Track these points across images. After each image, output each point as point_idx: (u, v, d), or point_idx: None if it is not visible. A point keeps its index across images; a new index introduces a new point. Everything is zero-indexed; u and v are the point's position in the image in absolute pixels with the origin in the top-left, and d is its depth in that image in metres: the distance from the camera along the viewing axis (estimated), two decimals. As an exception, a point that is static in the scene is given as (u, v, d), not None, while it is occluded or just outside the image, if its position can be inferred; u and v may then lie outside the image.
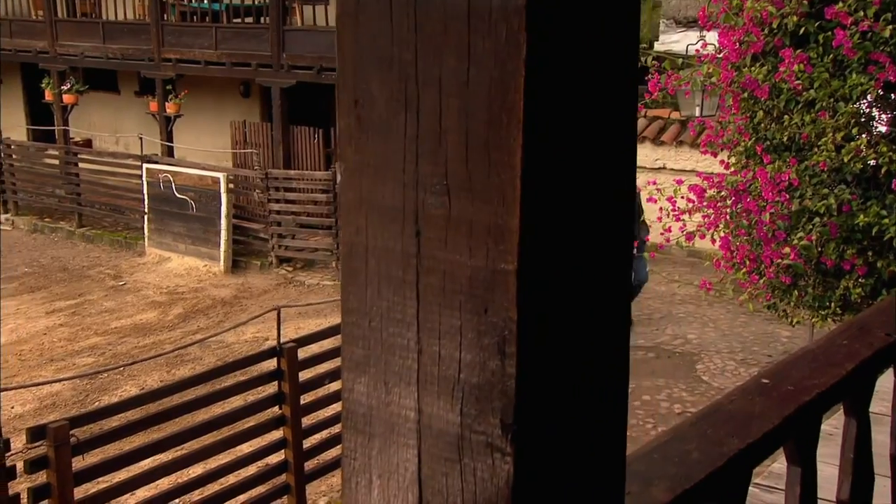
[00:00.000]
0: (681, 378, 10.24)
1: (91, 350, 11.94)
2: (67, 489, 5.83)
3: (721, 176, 5.90)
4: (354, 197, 0.79)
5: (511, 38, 0.69)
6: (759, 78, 5.41)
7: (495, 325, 0.73)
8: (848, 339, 1.48)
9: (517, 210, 0.71)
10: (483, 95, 0.72)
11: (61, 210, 17.97)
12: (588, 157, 0.76)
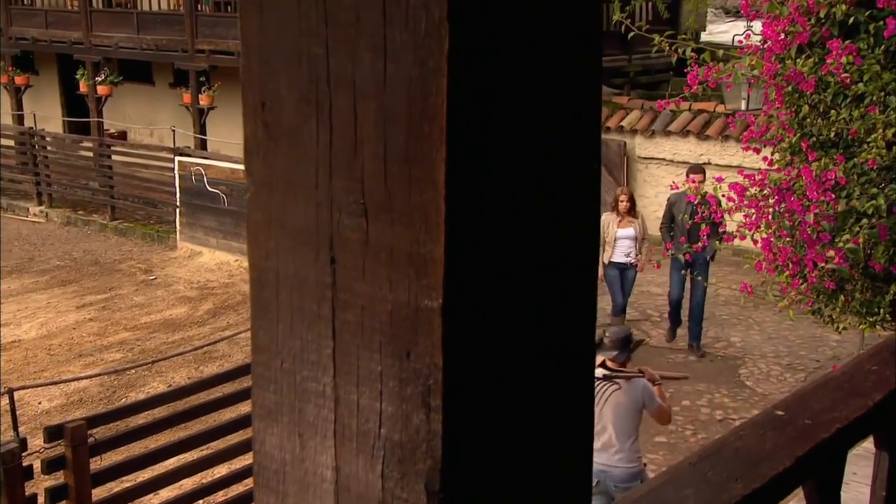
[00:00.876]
0: (723, 383, 10.03)
1: (120, 345, 12.00)
2: (85, 490, 5.83)
3: (763, 173, 5.72)
4: (263, 217, 0.69)
5: (431, 30, 0.59)
6: (804, 70, 5.23)
7: (419, 372, 0.63)
8: (879, 363, 1.35)
9: (441, 236, 0.60)
10: (402, 98, 0.61)
11: (95, 203, 18.12)
12: (531, 174, 0.64)
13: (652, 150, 15.14)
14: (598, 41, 0.67)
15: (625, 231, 10.35)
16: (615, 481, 6.09)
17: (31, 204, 18.90)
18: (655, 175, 15.05)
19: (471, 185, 0.61)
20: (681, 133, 14.67)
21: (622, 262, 10.41)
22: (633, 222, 10.34)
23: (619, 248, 10.35)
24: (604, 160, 15.25)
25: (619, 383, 5.98)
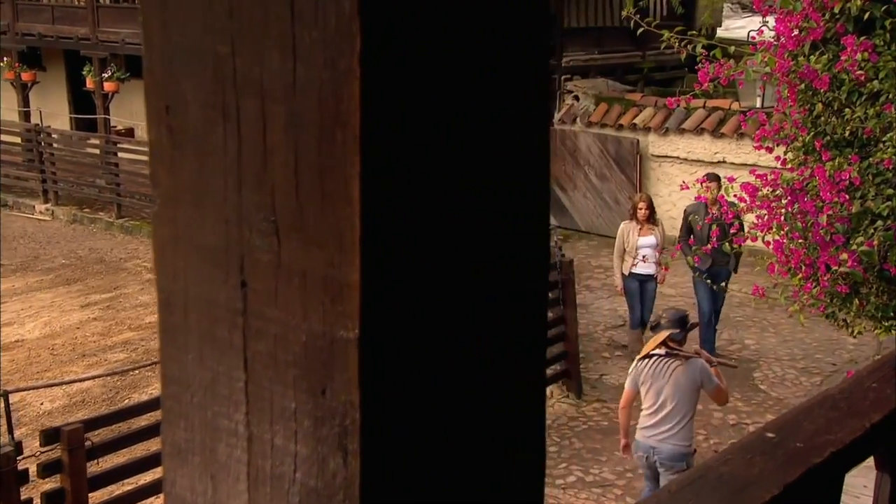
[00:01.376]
0: (736, 386, 9.92)
1: (124, 345, 11.99)
2: (82, 494, 5.80)
3: (776, 173, 5.64)
4: (170, 233, 0.63)
5: (342, 27, 0.53)
6: (818, 67, 5.14)
7: (335, 411, 0.56)
8: (879, 380, 1.28)
9: (357, 259, 0.54)
10: (313, 103, 0.55)
11: (101, 200, 18.14)
12: (463, 186, 0.58)
13: (665, 148, 15.04)
14: (542, 34, 0.61)
15: (646, 239, 9.96)
16: (662, 457, 6.30)
17: (36, 202, 18.94)
18: (669, 174, 14.94)
19: (390, 200, 0.55)
20: (695, 131, 14.56)
21: (642, 274, 10.03)
22: (653, 230, 9.98)
23: (639, 258, 9.98)
24: (616, 158, 15.17)
25: (681, 360, 6.20)
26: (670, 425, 6.23)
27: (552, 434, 8.84)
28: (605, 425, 9.00)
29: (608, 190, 15.37)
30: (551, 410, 9.34)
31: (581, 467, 8.20)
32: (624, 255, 10.01)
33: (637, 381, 6.49)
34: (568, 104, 15.97)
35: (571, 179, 15.74)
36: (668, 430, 6.24)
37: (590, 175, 15.53)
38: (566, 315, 9.42)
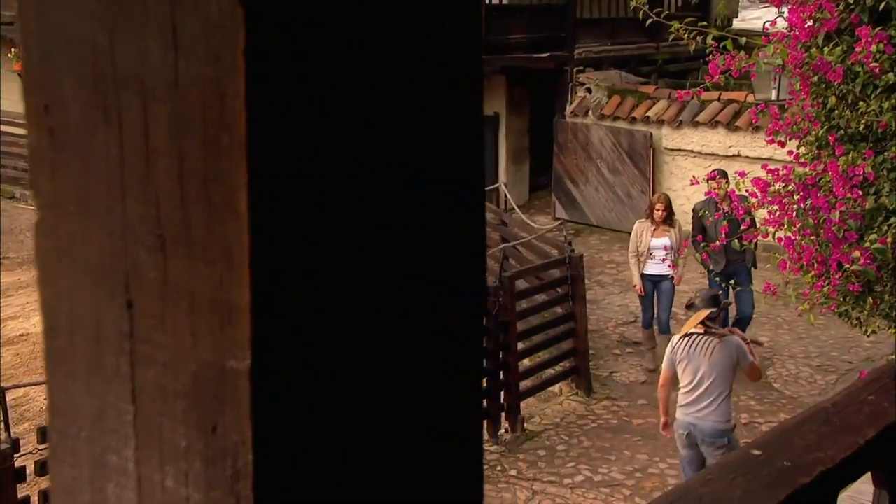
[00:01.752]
0: (749, 385, 9.82)
1: (129, 340, 11.98)
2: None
3: (788, 168, 5.55)
4: (53, 245, 0.57)
5: (224, 17, 0.46)
6: (831, 59, 5.05)
7: (226, 450, 0.50)
8: (877, 392, 1.21)
9: (246, 278, 0.48)
10: (196, 103, 0.48)
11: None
12: (371, 195, 0.52)
13: (679, 141, 14.93)
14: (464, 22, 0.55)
15: (659, 240, 9.66)
16: (704, 435, 6.50)
17: (44, 194, 18.96)
18: (682, 167, 14.83)
19: (283, 211, 0.48)
20: (709, 124, 14.44)
21: (655, 274, 9.75)
22: (668, 231, 9.66)
23: (652, 259, 9.71)
24: (629, 151, 15.06)
25: (717, 338, 6.43)
26: (708, 402, 6.44)
27: (560, 432, 8.78)
28: (615, 423, 8.93)
29: (620, 184, 15.27)
30: (559, 408, 9.28)
31: (589, 466, 8.14)
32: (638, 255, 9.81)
33: (674, 361, 6.66)
34: (580, 96, 15.88)
35: (583, 173, 15.65)
36: (706, 407, 6.45)
37: (602, 169, 15.43)
38: (575, 311, 9.35)
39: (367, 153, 0.51)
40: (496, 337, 8.45)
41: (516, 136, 17.00)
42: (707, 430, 6.48)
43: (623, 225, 15.14)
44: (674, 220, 9.80)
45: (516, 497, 7.66)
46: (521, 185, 17.27)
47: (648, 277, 9.80)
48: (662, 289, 9.83)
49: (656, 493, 7.85)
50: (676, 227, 9.73)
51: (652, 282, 9.84)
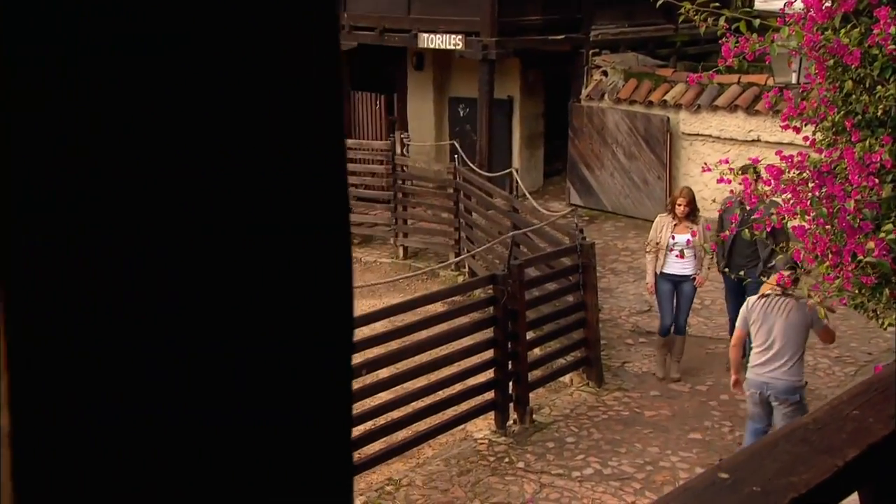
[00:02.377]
0: (765, 376, 9.72)
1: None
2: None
3: (803, 155, 5.43)
4: None
5: None
6: (848, 42, 4.92)
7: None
8: (862, 407, 1.12)
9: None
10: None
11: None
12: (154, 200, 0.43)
13: (697, 125, 14.77)
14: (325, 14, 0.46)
15: (680, 237, 9.02)
16: (777, 392, 6.90)
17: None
18: (700, 152, 14.66)
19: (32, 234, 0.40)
20: (728, 108, 14.27)
21: (676, 274, 9.15)
22: (690, 228, 8.90)
23: (672, 257, 9.06)
24: (645, 136, 14.92)
25: (793, 300, 6.72)
26: (782, 361, 6.75)
27: (570, 424, 8.70)
28: (626, 415, 8.85)
29: (636, 169, 15.13)
30: (570, 399, 9.20)
31: (599, 459, 8.06)
32: (656, 251, 9.24)
33: (748, 321, 6.97)
34: (596, 80, 15.73)
35: (598, 158, 15.52)
36: (780, 367, 6.76)
37: (617, 154, 15.30)
38: (586, 300, 9.25)
39: (148, 148, 0.42)
40: (504, 326, 8.36)
41: (530, 121, 16.87)
42: (780, 387, 6.87)
43: (639, 211, 15.02)
44: (697, 217, 9.15)
45: (523, 490, 7.60)
46: (536, 171, 17.16)
47: (667, 277, 9.23)
48: (683, 291, 9.27)
49: (667, 487, 7.77)
50: (700, 223, 9.00)
51: (671, 282, 9.27)
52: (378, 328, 8.86)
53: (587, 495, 7.52)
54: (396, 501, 7.52)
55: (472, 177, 12.73)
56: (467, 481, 7.76)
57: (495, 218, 12.08)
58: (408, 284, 12.88)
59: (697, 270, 9.14)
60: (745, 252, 8.26)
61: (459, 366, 8.42)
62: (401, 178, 13.71)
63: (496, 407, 8.51)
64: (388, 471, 8.14)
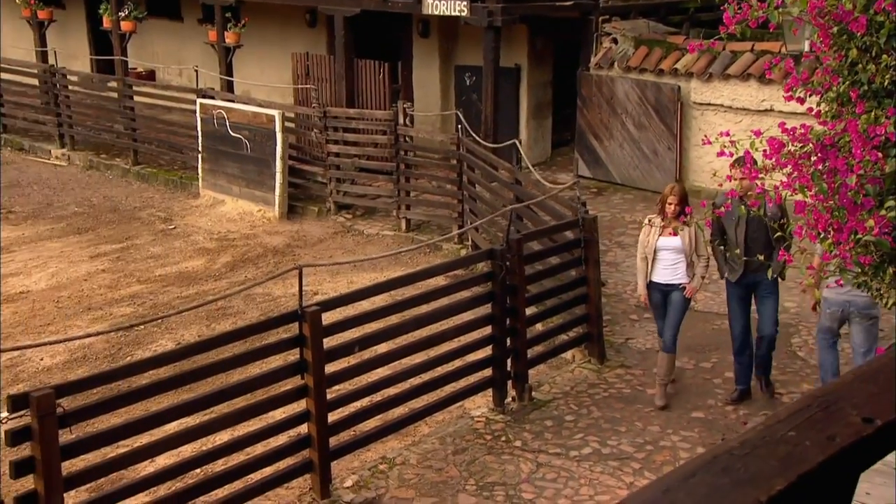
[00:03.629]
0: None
1: (131, 299, 11.90)
2: (54, 463, 5.65)
3: (806, 127, 5.25)
4: None
5: None
6: (852, 8, 4.72)
7: None
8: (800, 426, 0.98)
9: None
10: None
11: (118, 146, 18.01)
12: None
13: (709, 94, 14.53)
14: None
15: (668, 241, 8.23)
16: (858, 308, 7.48)
17: (53, 146, 18.89)
18: (712, 122, 14.44)
19: None
20: (741, 76, 14.03)
21: (664, 283, 8.30)
22: (682, 230, 8.21)
23: (661, 264, 8.27)
24: (656, 106, 14.69)
25: None
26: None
27: (570, 402, 8.58)
28: (628, 393, 8.72)
29: (646, 140, 14.92)
30: (570, 376, 9.08)
31: (598, 438, 7.94)
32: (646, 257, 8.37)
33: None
34: (605, 47, 15.47)
35: (607, 128, 15.30)
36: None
37: (627, 124, 15.07)
38: (588, 275, 9.11)
39: None
40: (502, 302, 8.22)
41: (538, 90, 16.64)
42: (861, 303, 7.38)
43: (648, 183, 14.81)
44: (689, 218, 8.03)
45: (520, 469, 7.49)
46: (544, 142, 16.95)
47: (656, 286, 8.36)
48: (672, 301, 8.34)
49: (667, 467, 7.65)
50: (693, 225, 8.08)
51: (660, 292, 8.39)
52: (378, 302, 8.75)
53: (584, 475, 7.41)
54: (389, 480, 7.43)
55: (475, 148, 12.54)
56: (462, 460, 7.66)
57: (498, 190, 11.91)
58: (410, 258, 12.75)
59: (689, 279, 8.27)
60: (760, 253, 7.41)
61: (458, 341, 8.30)
62: (403, 149, 13.52)
63: (494, 384, 8.40)
64: (382, 448, 8.05)
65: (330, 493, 7.21)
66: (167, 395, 7.08)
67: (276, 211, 14.39)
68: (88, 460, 6.42)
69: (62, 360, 10.18)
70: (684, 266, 8.24)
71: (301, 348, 6.97)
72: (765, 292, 8.21)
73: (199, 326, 10.92)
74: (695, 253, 8.24)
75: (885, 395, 1.07)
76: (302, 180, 14.81)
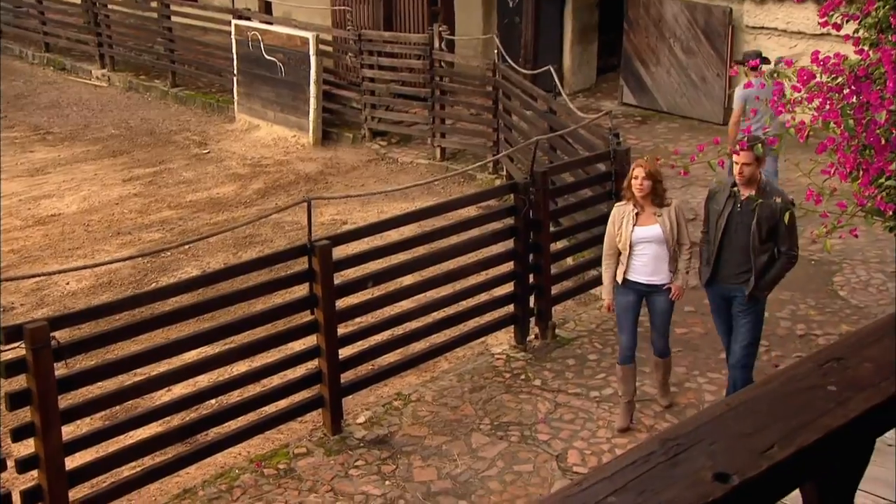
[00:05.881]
0: (811, 292, 9.19)
1: (161, 225, 11.83)
2: (50, 396, 5.56)
3: (840, 56, 4.86)
4: None
5: None
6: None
7: None
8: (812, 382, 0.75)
9: None
10: None
11: (158, 68, 17.84)
12: None
13: (762, 18, 13.90)
14: None
15: (647, 231, 6.67)
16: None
17: (93, 67, 18.77)
18: (766, 47, 13.80)
19: None
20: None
21: (641, 283, 6.76)
22: (658, 216, 6.68)
23: (638, 260, 6.72)
24: (705, 30, 14.11)
25: None
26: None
27: (594, 340, 8.33)
28: (656, 332, 8.43)
29: (694, 66, 14.36)
30: (597, 313, 8.80)
31: (621, 379, 7.69)
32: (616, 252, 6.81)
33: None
34: (654, -32, 14.82)
35: (654, 53, 14.75)
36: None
37: (675, 49, 14.51)
38: (619, 209, 8.75)
39: None
40: (525, 237, 7.94)
41: (583, 12, 16.05)
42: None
43: (695, 111, 14.31)
44: (667, 199, 6.79)
45: (537, 409, 7.30)
46: (588, 68, 16.41)
47: (632, 286, 6.79)
48: (655, 306, 6.88)
49: (691, 410, 7.40)
50: (673, 209, 6.73)
51: (637, 293, 6.83)
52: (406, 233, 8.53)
53: (603, 416, 7.19)
54: (403, 417, 7.29)
55: (511, 74, 12.12)
56: (479, 398, 7.48)
57: (535, 120, 11.52)
58: (443, 188, 12.48)
59: (672, 277, 6.75)
60: (737, 261, 6.38)
61: (484, 275, 8.07)
62: (438, 75, 13.14)
63: (516, 321, 8.17)
64: (399, 384, 7.90)
65: (342, 428, 7.09)
66: (170, 329, 6.96)
67: (311, 137, 14.16)
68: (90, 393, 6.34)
69: (88, 285, 10.16)
70: (668, 260, 6.71)
71: (311, 283, 6.79)
72: (738, 310, 6.54)
73: (225, 254, 10.82)
74: (677, 242, 6.72)
75: (755, 438, 0.81)
76: (337, 106, 14.53)
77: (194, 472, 6.80)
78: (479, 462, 6.74)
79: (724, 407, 0.95)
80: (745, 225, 6.34)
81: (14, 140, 15.29)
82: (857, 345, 1.08)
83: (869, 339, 1.10)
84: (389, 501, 6.36)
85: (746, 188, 6.36)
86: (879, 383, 0.97)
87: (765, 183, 6.44)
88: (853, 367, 0.99)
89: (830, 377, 0.96)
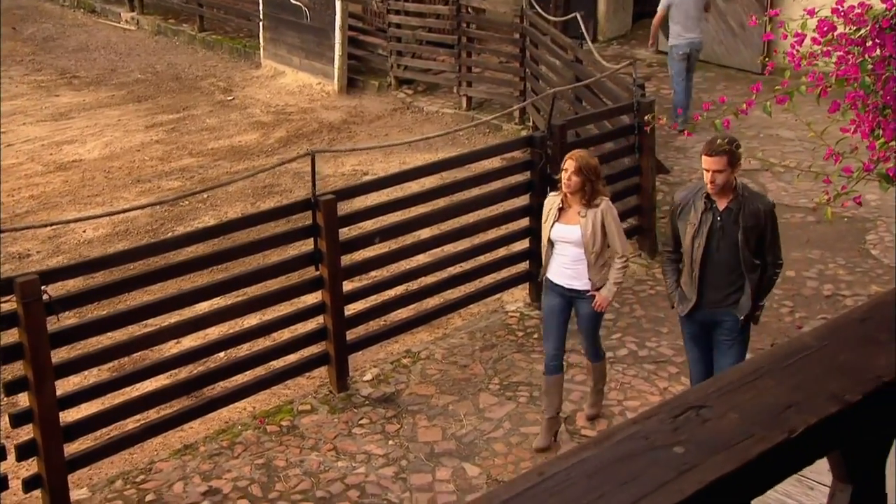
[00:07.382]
0: (842, 250, 8.88)
1: (181, 172, 11.72)
2: (42, 351, 5.48)
3: (864, 6, 4.56)
4: None
5: None
6: None
7: None
8: (656, 441, 0.57)
9: None
10: None
11: (186, 11, 17.65)
12: None
13: (804, -35, 13.35)
14: None
15: (566, 230, 6.00)
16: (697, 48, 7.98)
17: (123, 9, 18.63)
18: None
19: None
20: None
21: (564, 287, 6.10)
22: (581, 216, 5.96)
23: (558, 260, 6.09)
24: (744, -24, 13.61)
25: None
26: None
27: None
28: (677, 291, 8.19)
29: (733, 12, 13.89)
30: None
31: (636, 339, 7.50)
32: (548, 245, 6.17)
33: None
34: (693, -89, 14.29)
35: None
36: None
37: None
38: (642, 164, 8.50)
39: None
40: (541, 192, 7.71)
41: (619, -44, 15.59)
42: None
43: (733, 60, 13.87)
44: (598, 198, 6.01)
45: (548, 369, 7.12)
46: (623, 13, 15.96)
47: (554, 288, 6.17)
48: (579, 312, 6.21)
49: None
50: (600, 211, 5.97)
51: (561, 296, 6.16)
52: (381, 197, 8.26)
53: (616, 378, 7.01)
54: (411, 375, 7.16)
55: (539, 22, 11.78)
56: (489, 357, 7.33)
57: (562, 70, 11.20)
58: (467, 138, 12.23)
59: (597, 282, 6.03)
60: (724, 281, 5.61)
61: (501, 231, 7.88)
62: (466, 21, 12.82)
63: (531, 278, 7.97)
64: (410, 341, 7.76)
65: (347, 385, 6.98)
66: (170, 282, 6.85)
67: (336, 84, 13.93)
68: (99, 341, 6.28)
69: (104, 234, 10.10)
70: (585, 264, 5.99)
71: (315, 238, 6.63)
72: (725, 338, 5.75)
73: (243, 204, 10.70)
74: (607, 249, 5.99)
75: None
76: (363, 52, 14.27)
77: (198, 427, 6.74)
78: (486, 423, 6.60)
79: (537, 478, 0.76)
80: (730, 239, 5.49)
81: (41, 84, 15.23)
82: (727, 388, 0.87)
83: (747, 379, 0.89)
84: (391, 462, 6.26)
85: (721, 197, 5.47)
86: (741, 442, 0.77)
87: (741, 187, 5.54)
88: (715, 419, 0.79)
89: (682, 433, 0.77)
